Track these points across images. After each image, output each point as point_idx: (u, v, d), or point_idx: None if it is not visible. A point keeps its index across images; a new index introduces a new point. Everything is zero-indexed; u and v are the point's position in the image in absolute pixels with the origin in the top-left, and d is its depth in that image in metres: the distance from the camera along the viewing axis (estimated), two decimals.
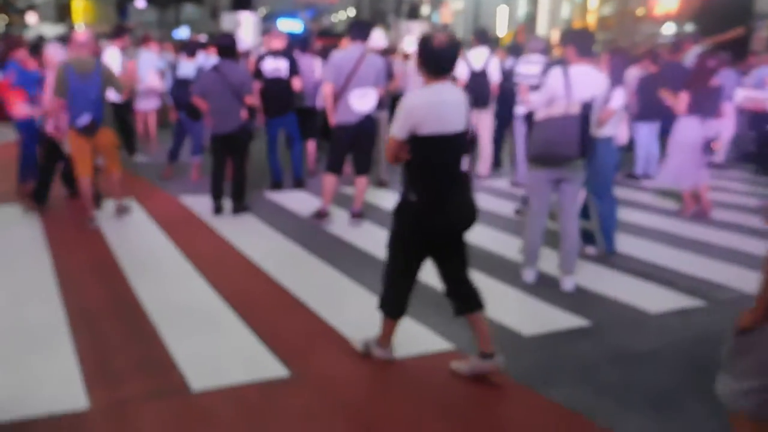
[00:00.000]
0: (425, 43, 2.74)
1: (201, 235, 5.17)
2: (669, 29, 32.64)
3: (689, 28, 29.68)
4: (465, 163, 2.82)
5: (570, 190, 4.09)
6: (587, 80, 3.99)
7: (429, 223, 2.78)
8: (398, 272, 2.97)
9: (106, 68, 5.19)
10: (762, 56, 9.74)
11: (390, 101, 8.39)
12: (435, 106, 2.70)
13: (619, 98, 4.54)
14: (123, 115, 7.88)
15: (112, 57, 7.36)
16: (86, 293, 3.89)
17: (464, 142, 2.80)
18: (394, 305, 3.01)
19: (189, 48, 7.40)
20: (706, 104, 5.69)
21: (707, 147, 5.82)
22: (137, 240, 4.96)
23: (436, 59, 2.72)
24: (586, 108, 3.87)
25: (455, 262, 2.98)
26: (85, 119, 5.00)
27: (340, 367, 3.09)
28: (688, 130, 5.75)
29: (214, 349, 3.21)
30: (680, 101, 5.75)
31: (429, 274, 4.30)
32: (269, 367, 3.04)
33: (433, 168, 2.75)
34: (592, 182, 4.65)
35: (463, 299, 3.00)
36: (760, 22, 20.43)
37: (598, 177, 4.66)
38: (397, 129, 2.74)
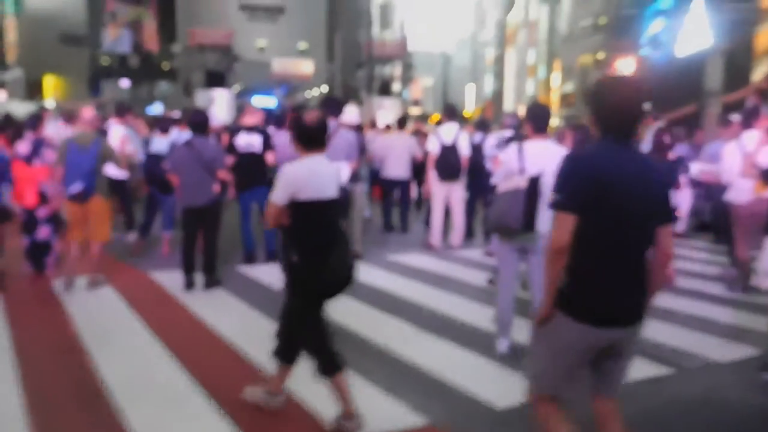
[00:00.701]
0: (298, 121, 3.13)
1: (171, 311, 5.12)
2: None
3: (645, 106, 31.35)
4: (342, 225, 3.19)
5: (536, 260, 4.20)
6: (541, 155, 4.14)
7: (314, 280, 3.02)
8: (313, 332, 3.15)
9: (105, 143, 5.78)
10: (711, 132, 10.38)
11: (369, 173, 8.64)
12: (312, 175, 3.04)
13: None
14: (122, 191, 7.76)
15: (117, 133, 7.50)
16: (47, 377, 3.78)
17: (338, 206, 3.18)
18: (290, 352, 3.23)
19: (162, 124, 7.56)
20: (671, 176, 6.03)
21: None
22: (104, 318, 4.88)
23: (308, 134, 3.11)
24: (534, 182, 4.01)
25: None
26: (76, 187, 5.47)
27: None
28: None
29: (180, 429, 3.13)
30: None
31: (403, 345, 4.33)
32: None
33: (312, 230, 3.05)
34: None
35: (333, 357, 3.15)
36: (709, 99, 21.73)
37: None
38: (277, 196, 3.04)
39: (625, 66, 35.36)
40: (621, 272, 2.27)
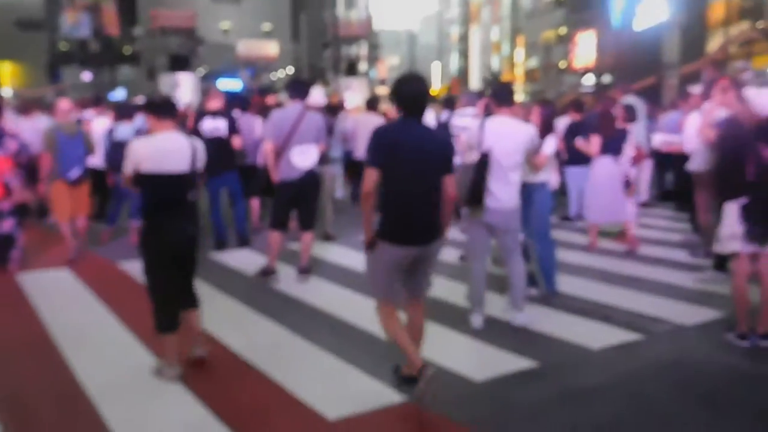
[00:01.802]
0: (150, 99, 3.77)
1: (142, 301, 4.96)
2: (589, 80, 34.80)
3: (606, 79, 31.77)
4: (191, 196, 3.50)
5: (505, 237, 4.26)
6: (499, 130, 4.15)
7: (158, 243, 3.40)
8: (155, 289, 3.47)
9: (86, 133, 6.39)
10: (669, 102, 10.52)
11: (343, 154, 8.49)
12: (156, 151, 3.37)
13: (551, 145, 4.77)
14: (102, 180, 7.55)
15: (101, 124, 7.77)
16: (17, 375, 3.65)
17: (187, 180, 3.46)
18: (164, 321, 3.46)
19: (126, 111, 7.31)
20: (614, 145, 6.31)
21: (626, 184, 6.35)
22: (72, 311, 4.73)
23: (156, 111, 3.49)
24: (484, 156, 4.07)
25: (187, 271, 3.60)
26: (75, 173, 6.06)
27: (293, 430, 3.00)
28: (603, 168, 6.32)
29: (160, 423, 3.05)
30: (592, 145, 6.41)
31: (378, 324, 4.30)
32: None
33: (152, 198, 3.41)
34: (530, 226, 4.80)
35: (170, 319, 3.49)
36: (668, 71, 22.07)
37: (536, 221, 4.82)
38: (125, 166, 3.44)
39: (586, 39, 35.68)
40: (414, 208, 3.14)
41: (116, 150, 6.88)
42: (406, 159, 3.07)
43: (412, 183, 3.10)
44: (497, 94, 4.37)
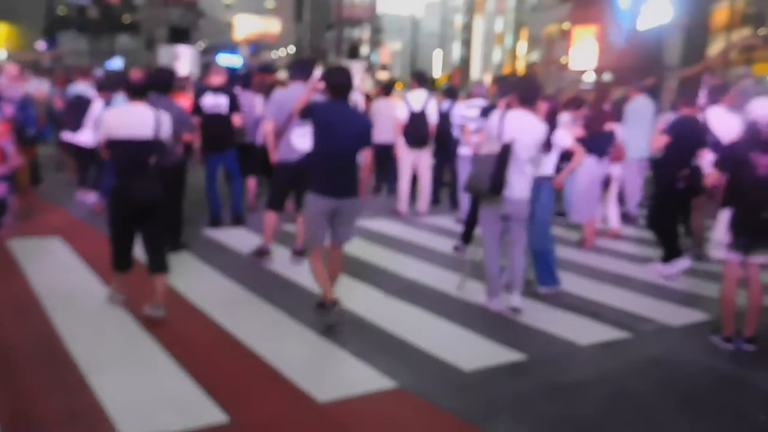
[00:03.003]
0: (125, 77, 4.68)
1: (135, 275, 4.96)
2: (589, 77, 34.78)
3: (607, 77, 31.75)
4: (152, 159, 3.96)
5: (516, 227, 4.47)
6: (520, 124, 4.28)
7: (119, 199, 3.92)
8: (114, 237, 4.04)
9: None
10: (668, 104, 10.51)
11: None
12: (124, 119, 3.91)
13: (566, 137, 4.80)
14: (96, 154, 7.43)
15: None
16: (6, 340, 3.64)
17: (150, 146, 3.94)
18: (117, 261, 4.09)
19: (116, 82, 7.21)
20: (599, 146, 6.27)
21: (605, 184, 6.50)
22: (64, 281, 4.70)
23: (132, 88, 4.04)
24: (506, 148, 4.18)
25: (150, 231, 4.02)
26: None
27: (282, 411, 3.03)
28: (585, 169, 6.20)
29: (149, 395, 3.07)
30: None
31: (371, 311, 4.33)
32: (208, 413, 2.94)
33: (119, 161, 3.94)
34: (531, 219, 4.84)
35: (124, 261, 4.10)
36: (668, 72, 22.09)
37: (540, 214, 4.87)
38: (98, 134, 4.07)
39: (583, 34, 35.56)
40: (337, 169, 3.99)
41: None
42: (333, 131, 3.94)
43: (335, 150, 3.97)
44: (524, 95, 4.40)
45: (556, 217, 7.89)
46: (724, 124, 5.46)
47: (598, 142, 6.28)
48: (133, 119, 3.91)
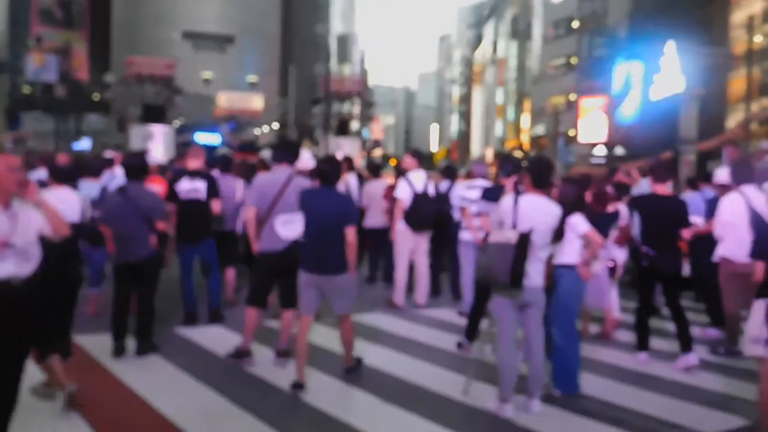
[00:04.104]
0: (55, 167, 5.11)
1: (98, 383, 4.92)
2: (600, 151, 35.74)
3: (619, 150, 32.68)
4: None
5: (533, 313, 4.55)
6: (535, 211, 4.45)
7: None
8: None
9: None
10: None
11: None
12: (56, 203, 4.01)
13: (582, 223, 4.93)
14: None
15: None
16: None
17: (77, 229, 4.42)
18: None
19: (92, 167, 7.43)
20: (602, 228, 6.33)
21: (612, 269, 6.56)
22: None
23: (58, 173, 4.91)
24: (524, 237, 4.30)
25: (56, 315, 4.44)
26: None
27: None
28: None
29: None
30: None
31: (367, 420, 4.27)
32: None
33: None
34: (552, 313, 4.89)
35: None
36: (684, 147, 22.78)
37: (560, 308, 4.92)
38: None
39: (591, 106, 36.88)
40: (322, 246, 4.88)
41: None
42: (317, 214, 4.89)
43: (319, 230, 4.88)
44: (536, 175, 4.60)
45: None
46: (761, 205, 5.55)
47: (600, 223, 6.42)
48: (60, 205, 4.02)
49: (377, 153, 42.29)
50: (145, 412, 4.35)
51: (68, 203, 4.33)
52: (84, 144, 39.95)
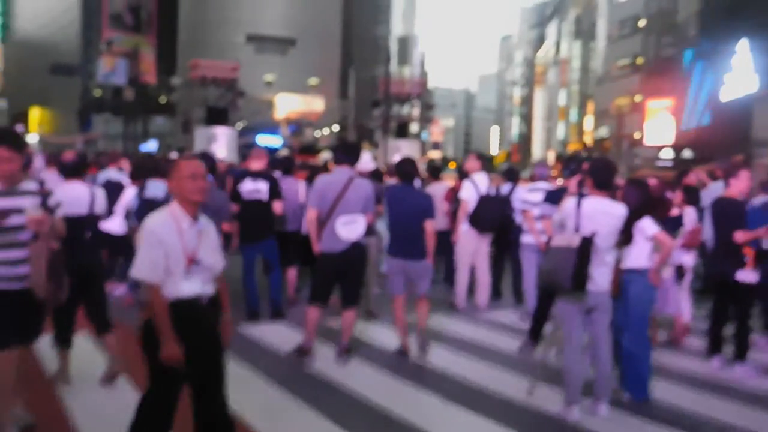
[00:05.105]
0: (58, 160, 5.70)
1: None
2: (667, 154, 34.58)
3: (687, 153, 31.54)
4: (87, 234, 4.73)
5: (600, 319, 4.49)
6: (598, 214, 4.39)
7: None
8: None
9: None
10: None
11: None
12: (66, 198, 4.13)
13: (652, 226, 4.82)
14: (125, 244, 7.82)
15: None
16: None
17: (83, 222, 4.62)
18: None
19: (159, 168, 7.67)
20: (667, 233, 6.14)
21: (679, 272, 6.37)
22: (87, 386, 4.80)
23: (67, 169, 4.98)
24: (587, 241, 4.25)
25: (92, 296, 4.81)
26: None
27: None
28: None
29: None
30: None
31: (428, 420, 4.28)
32: None
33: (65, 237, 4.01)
34: (623, 319, 4.81)
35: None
36: (758, 149, 21.79)
37: (631, 313, 4.82)
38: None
39: (657, 107, 35.73)
40: (407, 236, 5.69)
41: (148, 208, 7.19)
42: (402, 208, 5.71)
43: (403, 222, 5.70)
44: (598, 176, 4.52)
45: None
46: None
47: (665, 228, 6.29)
48: (71, 198, 4.40)
49: (436, 155, 42.19)
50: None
51: (77, 197, 4.62)
52: (151, 145, 41.38)
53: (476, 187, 7.53)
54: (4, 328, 3.57)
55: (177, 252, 3.06)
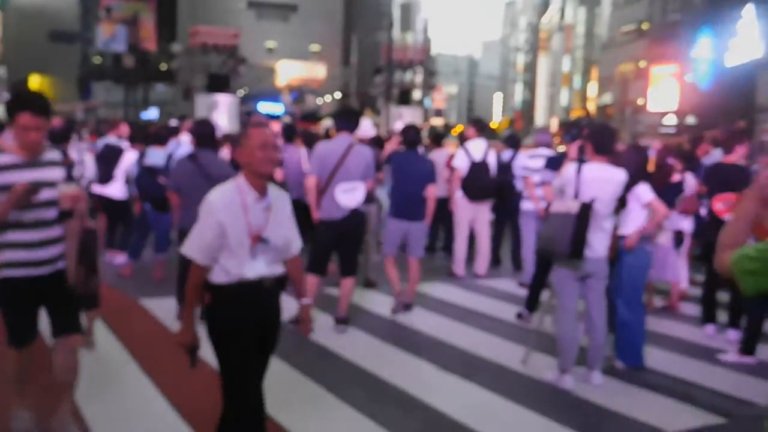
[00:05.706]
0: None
1: (164, 345, 5.10)
2: (670, 120, 34.26)
3: (690, 119, 31.25)
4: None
5: (595, 284, 4.46)
6: (598, 180, 4.34)
7: None
8: None
9: None
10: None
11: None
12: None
13: (647, 192, 4.77)
14: (124, 211, 7.82)
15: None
16: None
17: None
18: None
19: (159, 135, 7.63)
20: (666, 199, 6.09)
21: (678, 239, 6.40)
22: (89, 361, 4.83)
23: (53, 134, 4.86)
24: (586, 208, 4.21)
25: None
26: None
27: None
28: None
29: None
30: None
31: (424, 389, 4.30)
32: None
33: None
34: (617, 286, 4.79)
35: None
36: (762, 114, 21.56)
37: (625, 280, 4.81)
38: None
39: (661, 74, 35.28)
40: (410, 198, 5.93)
41: (147, 176, 7.14)
42: (406, 172, 6.00)
43: (406, 186, 5.98)
44: (598, 141, 4.46)
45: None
46: None
47: (664, 195, 6.24)
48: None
49: (439, 123, 41.88)
50: (207, 372, 4.46)
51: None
52: (151, 113, 41.11)
53: (469, 154, 7.46)
54: (22, 324, 3.22)
55: (240, 230, 2.76)
